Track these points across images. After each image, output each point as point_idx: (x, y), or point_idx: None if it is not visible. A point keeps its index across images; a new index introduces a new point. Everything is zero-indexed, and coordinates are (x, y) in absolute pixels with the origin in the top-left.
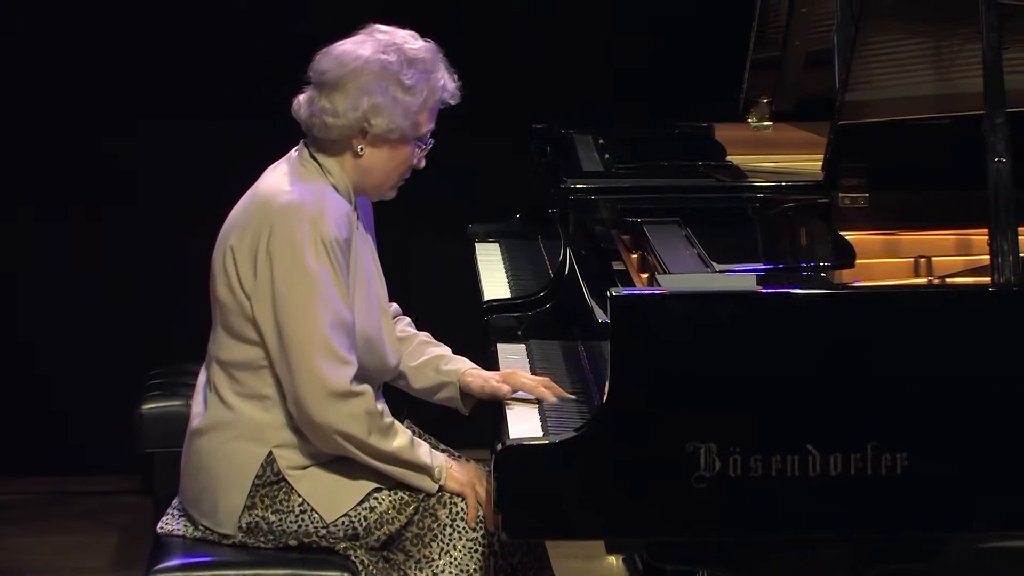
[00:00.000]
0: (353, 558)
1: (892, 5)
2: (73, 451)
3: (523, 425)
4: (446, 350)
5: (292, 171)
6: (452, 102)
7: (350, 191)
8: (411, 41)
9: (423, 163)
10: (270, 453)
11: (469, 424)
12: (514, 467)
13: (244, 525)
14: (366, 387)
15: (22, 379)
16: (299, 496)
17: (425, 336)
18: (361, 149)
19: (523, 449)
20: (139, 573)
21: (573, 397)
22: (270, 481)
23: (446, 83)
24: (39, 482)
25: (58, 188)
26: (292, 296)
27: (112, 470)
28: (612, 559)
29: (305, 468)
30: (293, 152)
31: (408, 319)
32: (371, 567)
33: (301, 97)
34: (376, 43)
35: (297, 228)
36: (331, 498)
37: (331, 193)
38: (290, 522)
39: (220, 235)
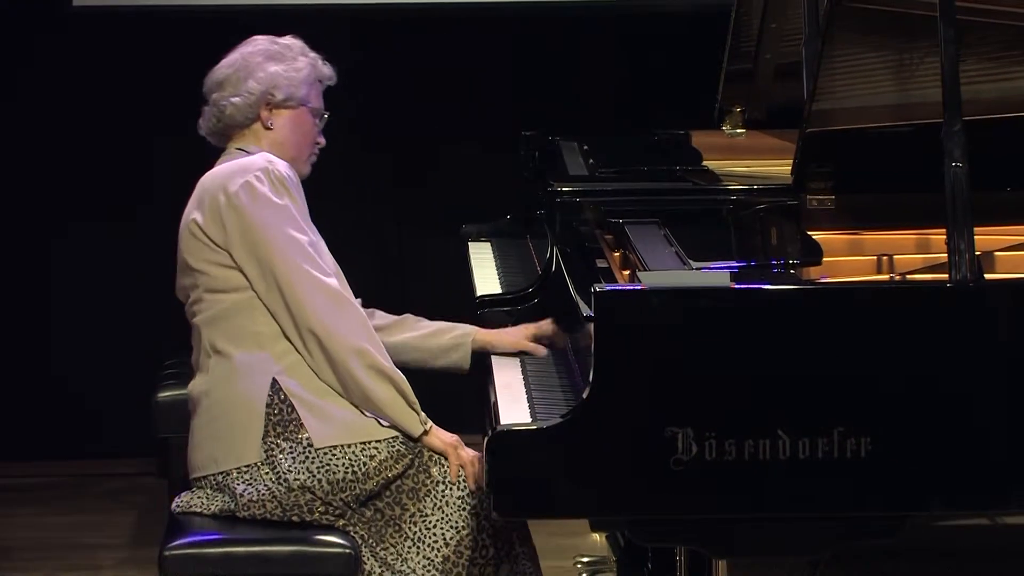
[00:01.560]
0: (353, 533)
1: (856, 21)
2: (93, 436)
3: (513, 412)
4: (441, 322)
5: (225, 160)
6: (330, 83)
7: None
8: (276, 40)
9: (323, 140)
10: (274, 381)
11: (457, 408)
12: (504, 452)
13: (265, 451)
14: (353, 299)
15: (47, 368)
16: (305, 431)
17: (412, 316)
18: (270, 122)
19: (512, 435)
20: (155, 550)
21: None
22: (279, 410)
23: (322, 65)
24: (61, 465)
25: (86, 188)
26: (267, 231)
27: (130, 454)
28: (596, 536)
29: (309, 393)
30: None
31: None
32: (371, 540)
33: (202, 118)
34: (251, 41)
35: (251, 177)
36: (329, 431)
37: (271, 155)
38: (299, 452)
39: (180, 228)
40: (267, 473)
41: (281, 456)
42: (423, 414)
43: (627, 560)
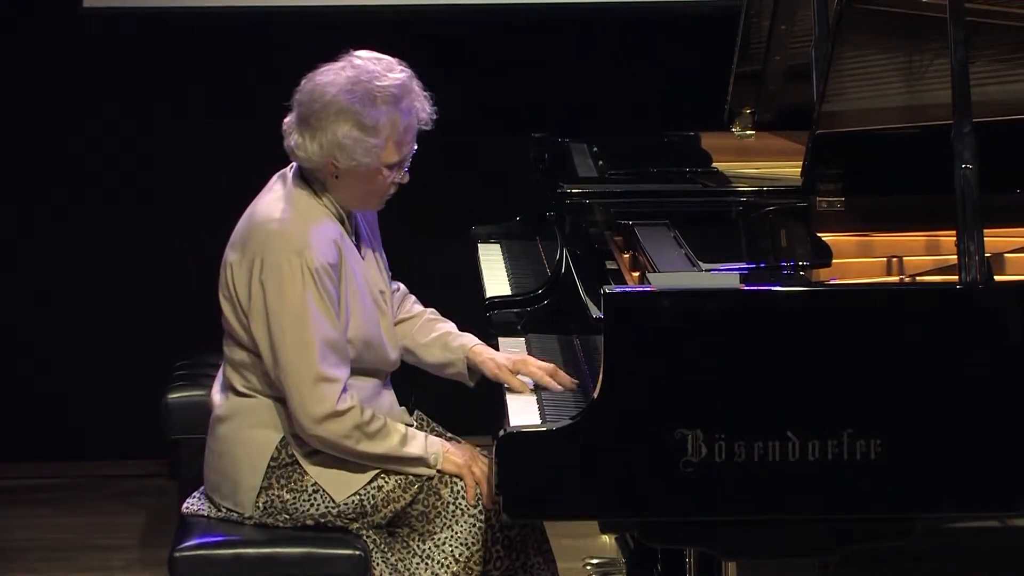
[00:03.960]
0: (365, 537)
1: (866, 23)
2: (103, 438)
3: (523, 413)
4: (452, 326)
5: (287, 194)
6: (425, 128)
7: (339, 209)
8: (379, 76)
9: (407, 179)
10: (283, 438)
11: (472, 411)
12: (514, 453)
13: (261, 505)
14: (353, 402)
15: (57, 370)
16: (311, 478)
17: (432, 313)
18: (336, 177)
19: (522, 436)
20: (165, 551)
21: (576, 384)
22: (285, 463)
23: (417, 112)
24: (71, 466)
25: (89, 188)
26: (282, 325)
27: (140, 455)
28: (605, 538)
29: (316, 453)
30: (288, 171)
31: (414, 297)
32: (382, 544)
33: (287, 120)
34: (345, 79)
35: (284, 260)
36: (341, 479)
37: (320, 218)
38: (303, 501)
39: (226, 247)
40: (267, 518)
41: (282, 505)
42: (433, 447)
43: (637, 562)
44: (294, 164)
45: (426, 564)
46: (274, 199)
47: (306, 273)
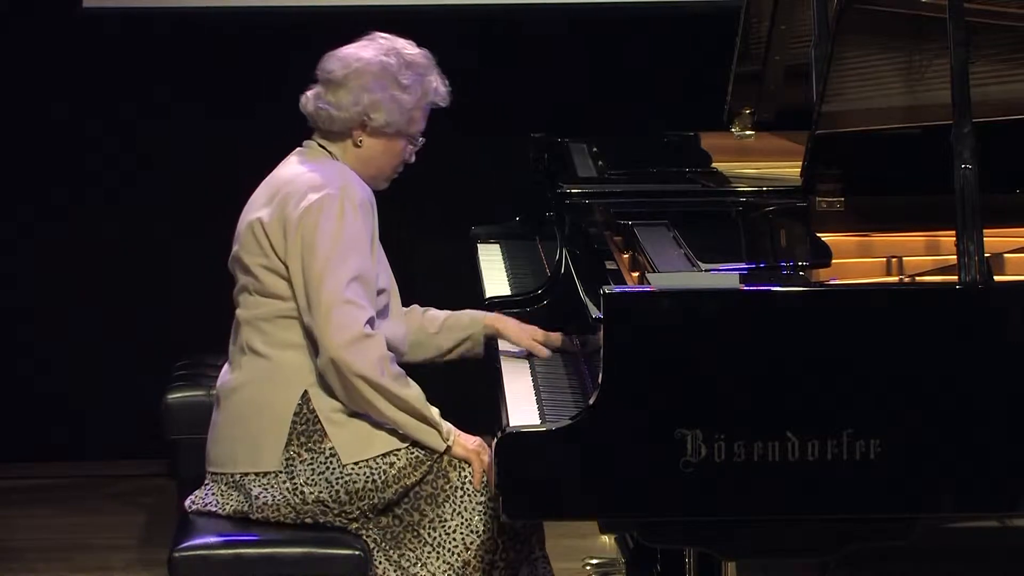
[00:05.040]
0: (365, 536)
1: (866, 23)
2: (103, 437)
3: (522, 414)
4: (450, 312)
5: (307, 159)
6: (443, 104)
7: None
8: (408, 48)
9: (413, 158)
10: (305, 392)
11: (472, 411)
12: (513, 453)
13: (285, 461)
14: (379, 333)
15: (57, 369)
16: (329, 440)
17: (421, 307)
18: (360, 141)
19: (522, 436)
20: (164, 551)
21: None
22: (306, 420)
23: (438, 87)
24: (70, 466)
25: (89, 189)
26: (321, 249)
27: (140, 455)
28: (605, 538)
29: (336, 412)
30: (302, 147)
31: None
32: (383, 543)
33: (309, 93)
34: (377, 47)
35: (326, 196)
36: (357, 443)
37: (352, 173)
38: (320, 463)
39: (243, 214)
40: (284, 482)
41: (301, 467)
42: (446, 425)
43: (636, 562)
44: (306, 142)
45: (438, 552)
46: (296, 164)
47: (347, 205)
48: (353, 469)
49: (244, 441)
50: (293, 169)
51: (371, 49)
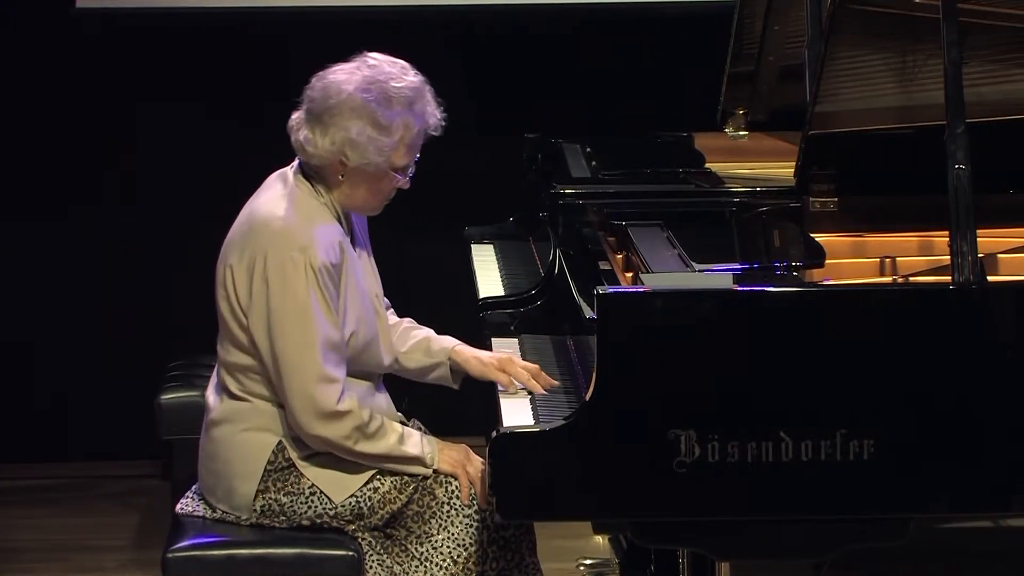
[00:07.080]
0: (360, 539)
1: (859, 23)
2: (97, 438)
3: (516, 414)
4: (430, 332)
5: (288, 193)
6: (435, 134)
7: (339, 210)
8: (396, 78)
9: (408, 185)
10: (280, 441)
11: (464, 412)
12: (507, 454)
13: (259, 508)
14: (352, 403)
15: (51, 370)
16: (308, 480)
17: (408, 322)
18: (342, 175)
19: (515, 437)
20: (158, 552)
21: (557, 383)
22: (281, 467)
23: (428, 117)
24: (65, 467)
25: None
26: (285, 323)
27: (133, 456)
28: (599, 538)
29: (313, 456)
30: (288, 170)
31: (391, 308)
32: (377, 546)
33: (295, 116)
34: (361, 79)
35: (287, 258)
36: (338, 481)
37: (323, 218)
38: (301, 503)
39: (222, 248)
40: (273, 504)
41: (280, 509)
42: (427, 447)
43: (630, 562)
44: (294, 164)
45: (425, 567)
46: (275, 197)
47: (309, 271)
48: (339, 501)
49: (221, 480)
50: (268, 209)
51: (354, 81)
